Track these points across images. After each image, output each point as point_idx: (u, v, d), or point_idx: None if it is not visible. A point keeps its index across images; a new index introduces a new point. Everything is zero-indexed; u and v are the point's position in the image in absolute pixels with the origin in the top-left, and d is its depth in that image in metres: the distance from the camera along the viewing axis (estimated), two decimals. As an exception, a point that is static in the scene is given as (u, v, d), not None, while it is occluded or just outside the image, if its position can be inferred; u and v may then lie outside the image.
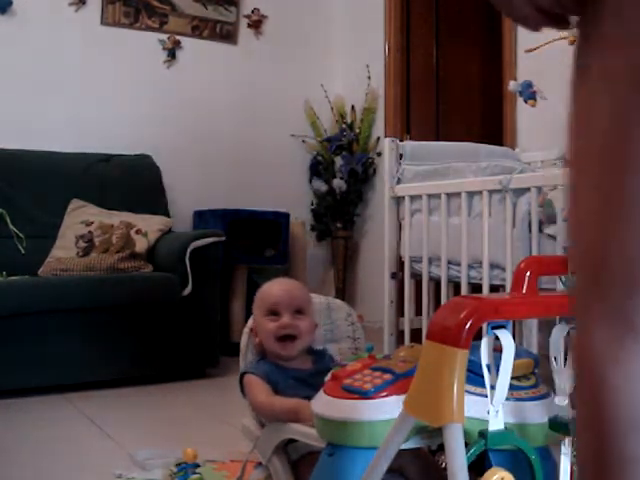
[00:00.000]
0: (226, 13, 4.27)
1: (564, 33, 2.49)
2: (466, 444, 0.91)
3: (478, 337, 0.92)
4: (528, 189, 2.25)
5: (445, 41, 4.31)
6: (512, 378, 0.98)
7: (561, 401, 1.07)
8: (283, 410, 1.36)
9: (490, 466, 0.97)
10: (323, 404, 1.17)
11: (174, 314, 3.15)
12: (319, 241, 4.48)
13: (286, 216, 3.98)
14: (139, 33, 4.04)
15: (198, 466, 1.84)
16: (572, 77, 0.68)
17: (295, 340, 1.48)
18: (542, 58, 2.78)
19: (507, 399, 0.99)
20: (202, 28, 4.21)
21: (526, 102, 2.71)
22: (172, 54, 4.13)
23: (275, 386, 1.44)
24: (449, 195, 2.54)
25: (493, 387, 0.96)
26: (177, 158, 4.05)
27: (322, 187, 4.37)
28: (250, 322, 1.57)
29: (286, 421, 1.35)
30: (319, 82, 4.46)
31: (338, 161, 4.32)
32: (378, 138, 4.27)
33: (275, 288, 1.54)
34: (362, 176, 4.30)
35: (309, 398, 1.27)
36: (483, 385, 0.98)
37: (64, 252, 3.31)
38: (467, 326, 0.86)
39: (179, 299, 3.13)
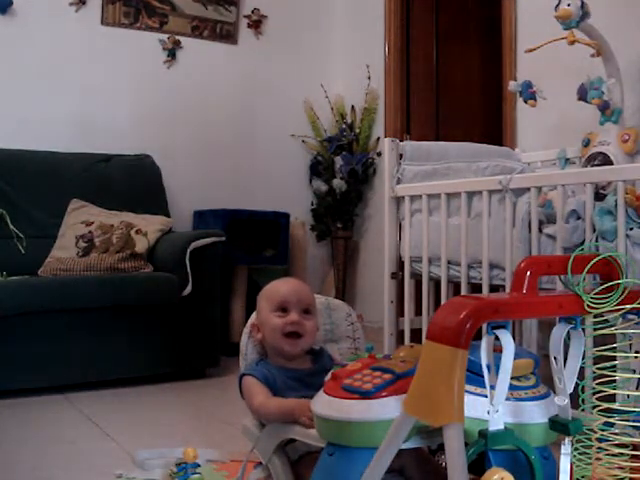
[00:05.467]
0: (226, 13, 4.27)
1: (564, 33, 2.49)
2: (466, 444, 0.91)
3: (478, 337, 0.93)
4: (528, 189, 2.25)
5: (445, 41, 4.31)
6: (512, 378, 0.98)
7: (561, 401, 1.07)
8: (280, 412, 1.36)
9: (490, 466, 0.97)
10: (323, 404, 1.16)
11: (174, 314, 3.15)
12: (319, 241, 4.48)
13: (286, 216, 3.98)
14: (139, 33, 4.04)
15: (198, 466, 1.84)
16: None
17: (300, 338, 1.49)
18: (542, 58, 2.78)
19: (507, 399, 0.99)
20: (202, 28, 4.21)
21: (526, 102, 2.70)
22: (172, 54, 4.13)
23: (274, 387, 1.44)
24: (449, 195, 2.54)
25: (493, 387, 0.96)
26: (177, 158, 4.06)
27: (322, 187, 4.37)
28: (251, 319, 1.57)
29: (284, 422, 1.35)
30: (319, 82, 4.46)
31: (338, 161, 4.32)
32: (378, 138, 4.27)
33: (284, 286, 1.55)
34: (362, 176, 4.30)
35: (308, 397, 1.27)
36: (483, 385, 0.98)
37: (64, 252, 3.31)
38: (467, 326, 0.86)
39: (179, 299, 3.13)
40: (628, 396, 1.11)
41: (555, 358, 1.05)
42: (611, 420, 1.08)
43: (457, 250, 2.47)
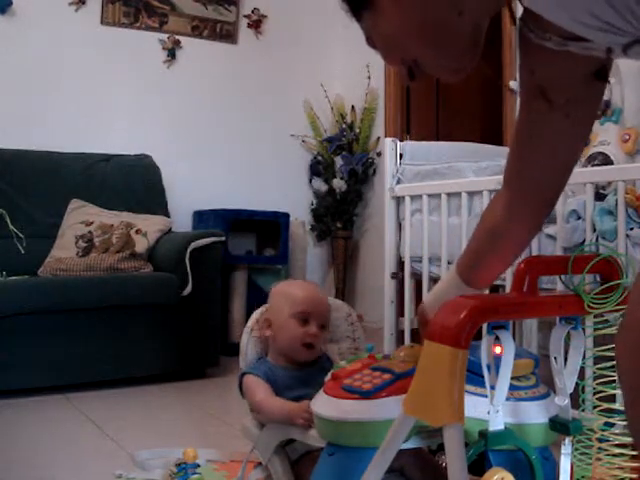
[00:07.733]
0: (226, 13, 4.27)
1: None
2: (466, 444, 0.91)
3: (478, 337, 0.93)
4: (528, 189, 2.24)
5: (445, 41, 4.30)
6: (512, 378, 0.98)
7: (561, 401, 1.07)
8: (280, 413, 1.36)
9: (490, 466, 0.97)
10: (323, 404, 1.16)
11: (174, 314, 3.15)
12: (319, 241, 4.48)
13: (286, 216, 3.98)
14: (139, 33, 4.04)
15: (198, 466, 1.84)
16: None
17: (314, 348, 1.50)
18: (542, 58, 2.78)
19: (507, 399, 0.99)
20: (202, 28, 4.21)
21: (526, 102, 2.70)
22: (172, 54, 4.13)
23: (274, 386, 1.44)
24: (449, 195, 2.54)
25: (493, 387, 0.96)
26: (177, 158, 4.05)
27: (322, 187, 4.37)
28: (256, 315, 1.56)
29: (282, 422, 1.35)
30: (319, 82, 4.46)
31: (338, 161, 4.32)
32: (378, 138, 4.27)
33: (307, 293, 1.53)
34: (362, 176, 4.30)
35: (307, 397, 1.28)
36: (483, 385, 0.98)
37: (64, 252, 3.31)
38: (467, 326, 0.86)
39: (179, 299, 3.13)
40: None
41: (555, 358, 1.05)
42: (611, 420, 1.08)
43: (457, 250, 2.47)
